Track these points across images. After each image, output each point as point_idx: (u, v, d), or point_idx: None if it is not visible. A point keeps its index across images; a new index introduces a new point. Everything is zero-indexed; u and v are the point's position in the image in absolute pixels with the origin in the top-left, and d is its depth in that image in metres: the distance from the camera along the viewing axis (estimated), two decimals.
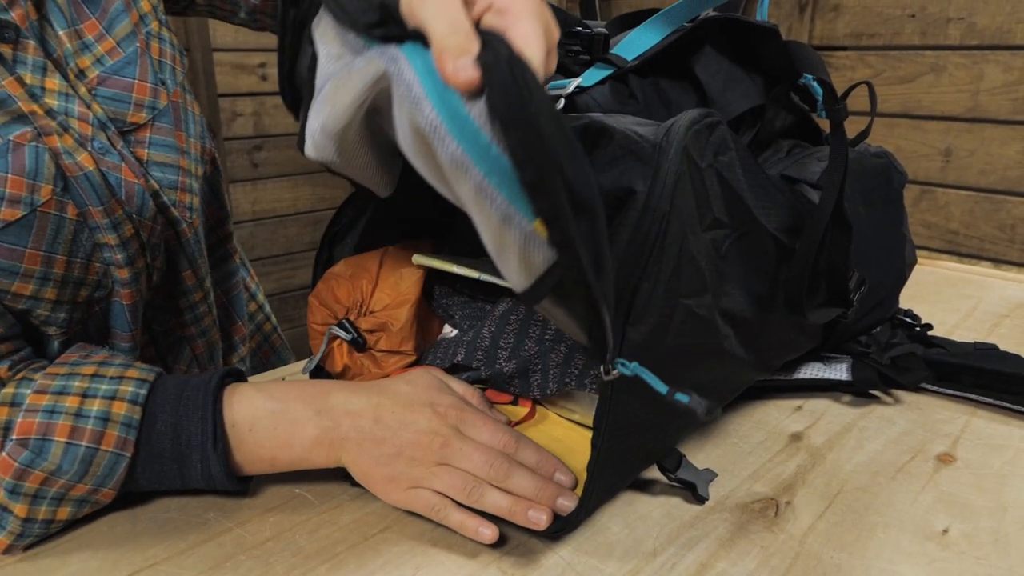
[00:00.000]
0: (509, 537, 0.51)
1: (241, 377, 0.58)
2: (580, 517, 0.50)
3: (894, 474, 0.58)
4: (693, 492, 0.54)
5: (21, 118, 0.56)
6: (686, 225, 0.49)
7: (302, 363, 0.79)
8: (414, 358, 0.66)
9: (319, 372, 0.67)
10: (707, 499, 0.54)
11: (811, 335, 0.69)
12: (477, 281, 0.64)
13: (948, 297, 1.01)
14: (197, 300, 0.74)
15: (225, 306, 0.83)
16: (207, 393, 0.53)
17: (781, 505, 0.54)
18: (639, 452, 0.53)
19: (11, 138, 0.55)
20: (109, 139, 0.62)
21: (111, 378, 0.53)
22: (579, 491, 0.51)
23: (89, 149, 0.60)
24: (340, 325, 0.64)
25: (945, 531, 0.52)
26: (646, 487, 0.56)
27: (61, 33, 0.61)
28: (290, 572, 0.47)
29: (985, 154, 1.66)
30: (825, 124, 0.68)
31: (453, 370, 0.65)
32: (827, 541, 0.50)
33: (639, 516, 0.53)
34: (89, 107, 0.61)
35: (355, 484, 0.55)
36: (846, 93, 0.76)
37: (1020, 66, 1.58)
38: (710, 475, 0.56)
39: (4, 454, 0.49)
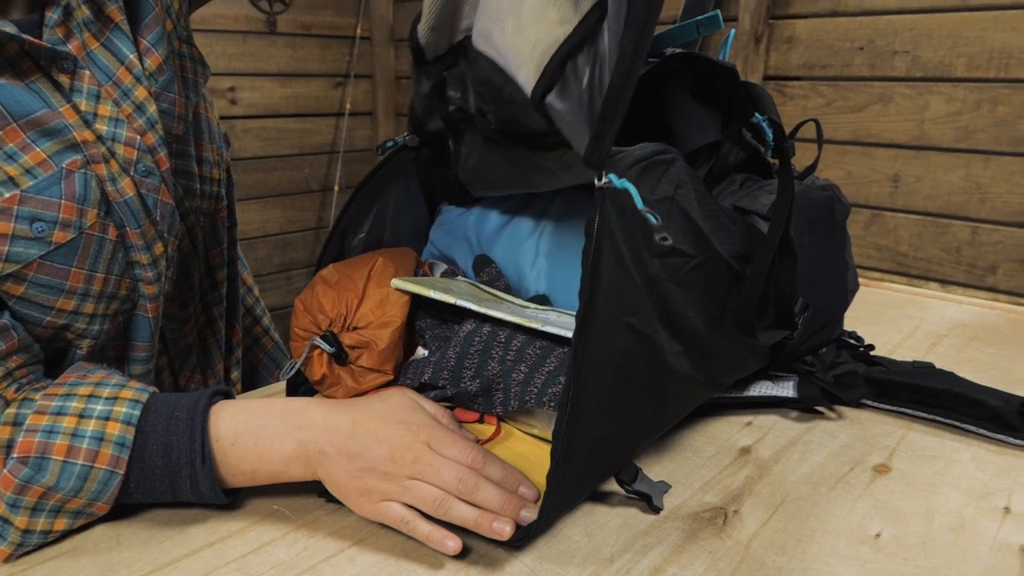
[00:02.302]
0: (476, 547, 0.54)
1: (229, 395, 0.61)
2: (541, 524, 0.53)
3: (834, 484, 0.63)
4: (648, 503, 0.58)
5: (74, 147, 0.62)
6: (625, 251, 0.53)
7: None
8: (392, 378, 0.69)
9: (297, 376, 0.70)
10: (661, 509, 0.58)
11: (760, 355, 0.74)
12: (448, 304, 0.67)
13: (892, 318, 1.06)
14: (204, 305, 0.79)
15: (227, 310, 0.87)
16: (195, 413, 0.56)
17: (729, 514, 0.58)
18: (602, 435, 0.56)
19: (64, 166, 0.61)
20: (156, 161, 0.67)
21: (106, 399, 0.56)
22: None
23: (132, 174, 0.66)
24: (325, 338, 0.67)
25: (878, 535, 0.56)
26: (604, 498, 0.60)
27: (131, 56, 0.67)
28: None
29: (931, 180, 1.74)
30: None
31: (421, 388, 0.68)
32: (770, 546, 0.55)
33: (598, 525, 0.57)
34: (152, 127, 0.67)
35: (330, 499, 0.58)
36: (795, 129, 0.81)
37: (961, 97, 1.67)
38: (664, 487, 0.60)
39: (6, 471, 0.52)
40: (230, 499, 0.58)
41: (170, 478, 0.56)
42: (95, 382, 0.58)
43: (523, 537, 0.53)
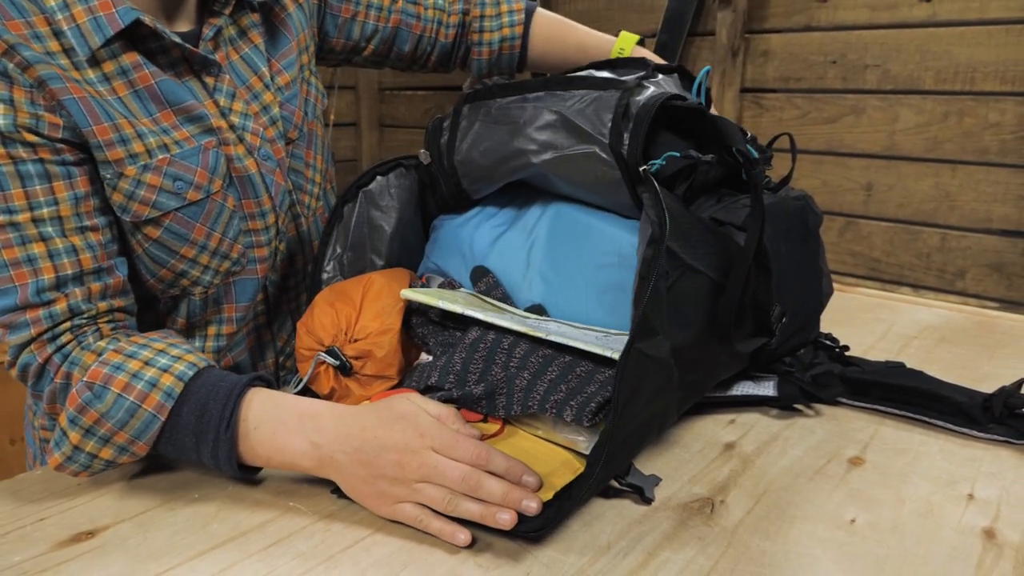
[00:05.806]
0: (485, 536, 0.58)
1: (270, 384, 0.68)
2: (560, 517, 0.58)
3: (812, 475, 0.68)
4: (641, 494, 0.63)
5: (210, 131, 0.77)
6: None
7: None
8: (397, 381, 0.73)
9: (304, 392, 0.74)
10: (653, 500, 0.63)
11: (740, 360, 0.78)
12: (448, 311, 0.71)
13: (866, 321, 1.12)
14: (304, 282, 0.93)
15: None
16: (235, 388, 0.63)
17: (716, 503, 0.63)
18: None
19: (202, 143, 0.76)
20: (273, 150, 0.84)
21: (171, 356, 0.65)
22: (543, 495, 0.59)
23: (255, 156, 0.82)
24: (329, 352, 0.71)
25: (852, 521, 0.61)
26: (601, 491, 0.64)
27: (264, 68, 0.84)
28: (293, 571, 0.54)
29: (902, 189, 1.81)
30: None
31: (427, 391, 0.72)
32: (754, 532, 0.59)
33: (595, 515, 0.61)
34: (273, 124, 0.84)
35: (342, 495, 0.62)
36: (770, 143, 0.86)
37: (930, 109, 1.74)
38: (655, 479, 0.64)
39: (75, 390, 0.63)
40: (243, 475, 0.63)
41: (197, 436, 0.62)
42: (170, 343, 0.67)
43: (540, 528, 0.57)
